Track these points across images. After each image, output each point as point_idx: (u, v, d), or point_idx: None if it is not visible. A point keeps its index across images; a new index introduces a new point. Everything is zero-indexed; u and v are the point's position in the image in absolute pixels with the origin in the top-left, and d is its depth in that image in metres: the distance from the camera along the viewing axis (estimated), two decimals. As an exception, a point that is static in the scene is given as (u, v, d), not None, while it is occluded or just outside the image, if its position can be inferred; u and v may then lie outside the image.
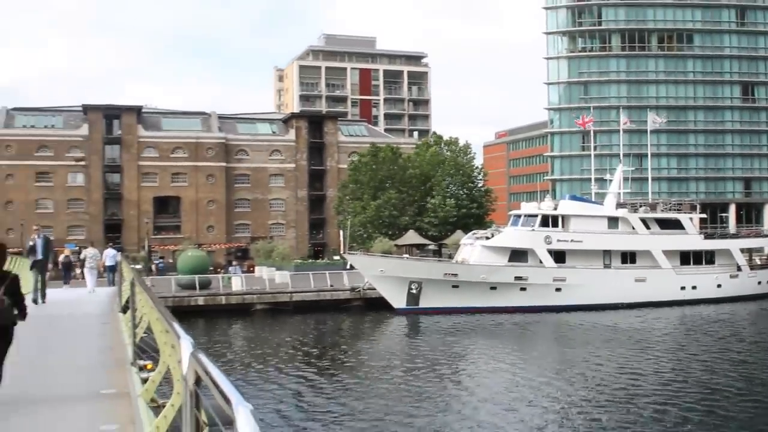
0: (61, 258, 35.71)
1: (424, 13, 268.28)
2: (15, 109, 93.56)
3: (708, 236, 62.33)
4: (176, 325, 5.25)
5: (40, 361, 12.47)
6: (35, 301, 20.65)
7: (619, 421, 22.38)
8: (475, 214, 78.81)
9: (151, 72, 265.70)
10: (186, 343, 4.14)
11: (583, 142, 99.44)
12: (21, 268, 22.99)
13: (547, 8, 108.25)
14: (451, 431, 21.73)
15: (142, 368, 10.74)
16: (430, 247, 72.24)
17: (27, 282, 20.86)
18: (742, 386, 27.73)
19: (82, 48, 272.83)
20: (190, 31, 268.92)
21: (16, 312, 9.60)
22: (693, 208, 62.37)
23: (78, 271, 40.17)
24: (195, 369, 3.62)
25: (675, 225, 57.93)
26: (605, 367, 31.99)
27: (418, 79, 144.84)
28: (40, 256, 22.38)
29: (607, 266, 55.27)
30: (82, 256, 31.89)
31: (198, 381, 3.68)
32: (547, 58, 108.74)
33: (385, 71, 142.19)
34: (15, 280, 9.79)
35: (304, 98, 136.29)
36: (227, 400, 2.74)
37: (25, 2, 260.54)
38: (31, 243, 23.13)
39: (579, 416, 23.22)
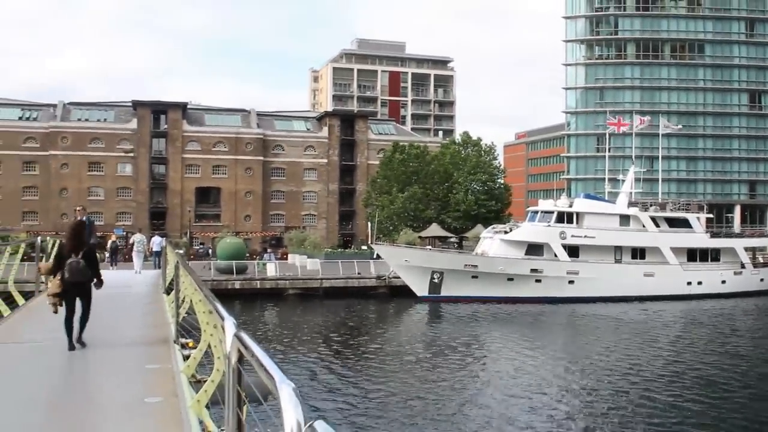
0: (109, 243, 36.06)
1: (452, 20, 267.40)
2: (71, 103, 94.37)
3: (714, 235, 61.76)
4: (220, 307, 5.31)
5: (90, 338, 12.61)
6: None
7: (622, 404, 22.30)
8: (494, 210, 78.60)
9: (193, 71, 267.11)
10: (230, 324, 4.20)
11: (598, 144, 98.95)
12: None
13: (566, 18, 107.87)
14: (466, 408, 21.72)
15: (183, 346, 10.86)
16: (452, 239, 72.12)
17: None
18: (739, 373, 27.89)
19: (129, 48, 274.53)
20: (232, 34, 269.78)
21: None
22: (700, 209, 61.85)
23: (126, 255, 40.57)
24: (238, 347, 3.67)
25: (683, 224, 57.51)
26: (613, 355, 31.94)
27: (444, 82, 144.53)
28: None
29: (618, 261, 54.95)
30: (131, 241, 32.18)
31: (240, 359, 3.74)
32: (566, 65, 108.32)
33: (413, 74, 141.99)
34: (92, 250, 11.89)
35: (337, 98, 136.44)
36: (271, 378, 2.78)
37: (76, 7, 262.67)
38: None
39: (585, 399, 23.18)
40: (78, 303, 11.27)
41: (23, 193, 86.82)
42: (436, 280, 51.86)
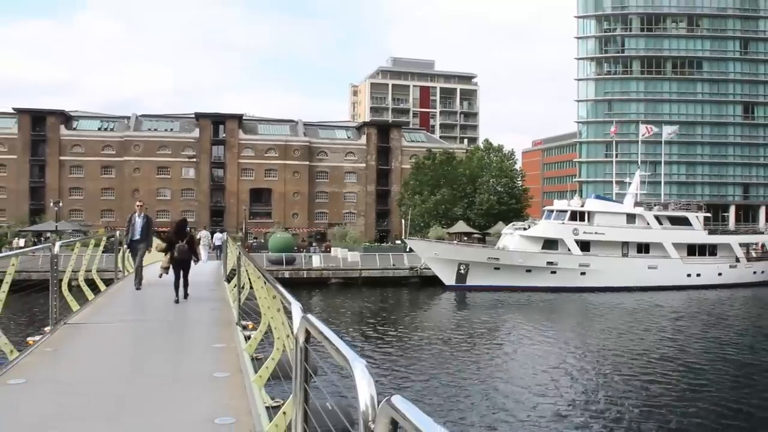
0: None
1: (476, 40, 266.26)
2: (142, 115, 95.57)
3: (711, 232, 60.94)
4: (285, 292, 5.29)
5: (164, 318, 12.73)
6: (139, 288, 16.20)
7: (627, 380, 22.07)
8: (514, 209, 78.17)
9: (248, 85, 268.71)
10: (297, 308, 4.19)
11: (607, 151, 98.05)
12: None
13: (578, 38, 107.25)
14: (492, 382, 21.62)
15: (245, 327, 10.90)
16: (476, 235, 71.66)
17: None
18: (735, 352, 27.69)
19: (192, 65, 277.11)
20: (282, 52, 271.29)
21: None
22: (699, 208, 61.14)
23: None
24: (306, 328, 3.65)
25: (683, 222, 56.78)
26: (620, 337, 31.68)
27: (469, 96, 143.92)
28: (138, 236, 16.76)
29: (624, 255, 54.36)
30: (197, 237, 32.57)
31: (307, 339, 3.72)
32: (578, 80, 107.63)
33: (441, 89, 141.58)
34: (192, 238, 15.76)
35: (374, 110, 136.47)
36: (343, 356, 2.75)
37: (147, 29, 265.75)
38: (129, 221, 17.20)
39: (593, 376, 22.98)
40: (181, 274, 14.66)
41: (102, 193, 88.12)
42: (462, 271, 51.69)
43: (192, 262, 15.18)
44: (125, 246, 18.23)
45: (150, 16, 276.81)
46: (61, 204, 77.79)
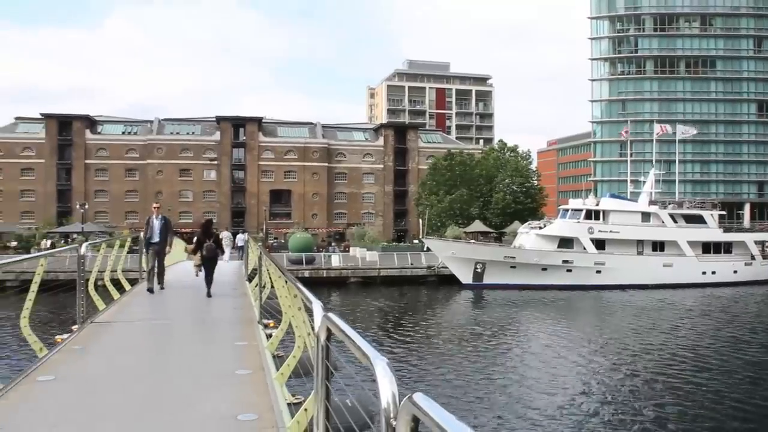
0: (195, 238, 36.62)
1: (491, 42, 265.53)
2: (165, 119, 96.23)
3: (726, 230, 60.28)
4: (306, 291, 5.30)
5: (187, 317, 12.80)
6: (150, 290, 15.62)
7: (643, 378, 21.89)
8: (530, 208, 77.84)
9: (267, 88, 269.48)
10: (318, 306, 4.19)
11: (621, 150, 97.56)
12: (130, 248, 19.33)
13: (591, 39, 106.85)
14: (504, 379, 21.51)
15: (266, 325, 10.93)
16: (493, 234, 71.46)
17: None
18: (751, 348, 27.30)
19: (211, 70, 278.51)
20: (300, 56, 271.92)
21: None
22: (714, 206, 60.46)
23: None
24: (327, 326, 3.65)
25: (698, 220, 56.21)
26: (636, 335, 31.38)
27: (484, 97, 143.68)
28: (156, 238, 16.12)
29: (639, 253, 53.92)
30: (220, 237, 32.76)
31: (328, 337, 3.71)
32: (592, 80, 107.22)
33: (456, 90, 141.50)
34: (218, 236, 17.43)
35: (391, 111, 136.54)
36: (364, 354, 2.73)
37: (166, 35, 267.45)
38: (147, 223, 16.50)
39: (608, 372, 22.80)
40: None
41: (126, 195, 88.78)
42: (479, 270, 51.52)
43: (218, 260, 16.47)
44: (143, 248, 17.62)
45: (172, 23, 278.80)
46: (87, 206, 78.44)
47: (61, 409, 6.06)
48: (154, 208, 16.88)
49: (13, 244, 66.54)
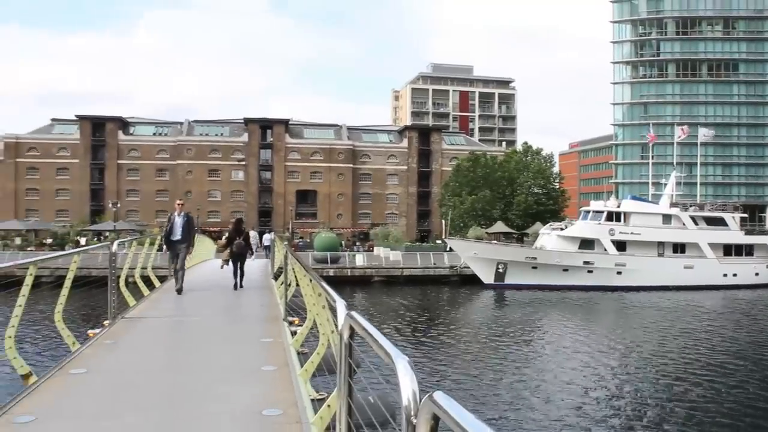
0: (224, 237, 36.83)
1: (514, 44, 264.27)
2: (194, 121, 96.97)
3: (748, 232, 59.43)
4: (330, 290, 5.30)
5: (215, 314, 12.88)
6: (179, 291, 14.71)
7: (664, 381, 21.63)
8: (551, 209, 77.33)
9: (292, 91, 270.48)
10: (341, 305, 4.19)
11: (643, 153, 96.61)
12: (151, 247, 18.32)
13: (613, 42, 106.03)
14: (525, 379, 21.39)
15: (291, 323, 10.96)
16: (514, 235, 71.11)
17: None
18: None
19: (240, 72, 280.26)
20: (326, 59, 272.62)
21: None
22: (735, 209, 59.64)
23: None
24: (350, 325, 3.65)
25: (720, 222, 55.46)
26: (656, 336, 31.05)
27: (507, 100, 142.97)
28: (178, 236, 14.94)
29: (660, 255, 53.36)
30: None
31: (351, 335, 3.71)
32: (613, 83, 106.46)
33: (480, 93, 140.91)
34: (248, 234, 18.49)
35: (415, 114, 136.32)
36: (386, 352, 2.73)
37: (195, 39, 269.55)
38: (169, 221, 15.25)
39: (630, 375, 22.58)
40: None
41: (156, 195, 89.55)
42: (501, 270, 51.32)
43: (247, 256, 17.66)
44: (163, 247, 16.16)
45: (200, 27, 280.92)
46: (119, 205, 79.41)
47: (93, 401, 6.14)
48: (178, 205, 15.62)
49: (49, 241, 67.46)
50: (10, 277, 8.02)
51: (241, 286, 16.57)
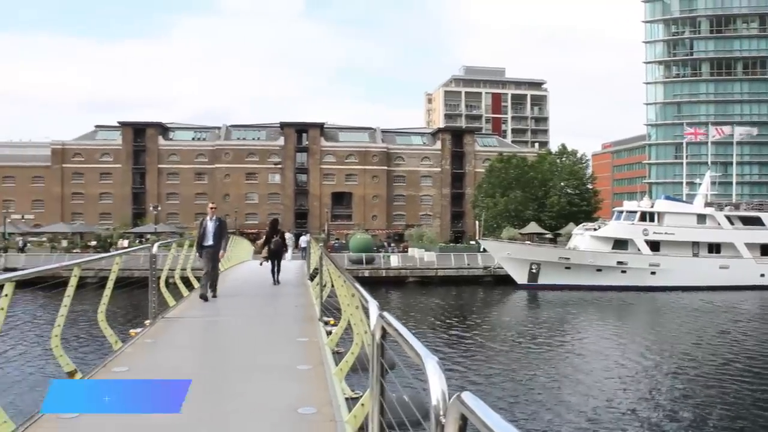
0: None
1: (545, 45, 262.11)
2: (232, 125, 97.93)
3: (786, 232, 58.06)
4: (363, 290, 5.32)
5: (252, 314, 12.99)
6: (204, 297, 13.92)
7: (697, 383, 21.21)
8: (585, 210, 76.52)
9: (326, 95, 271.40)
10: (374, 306, 4.20)
11: (676, 152, 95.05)
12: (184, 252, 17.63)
13: (646, 42, 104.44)
14: (555, 380, 21.15)
15: (326, 323, 11.01)
16: (548, 235, 70.46)
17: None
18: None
19: (275, 77, 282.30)
20: (360, 63, 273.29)
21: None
22: (772, 208, 58.35)
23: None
24: (382, 325, 3.66)
25: (756, 222, 54.21)
26: (692, 337, 30.46)
27: (539, 101, 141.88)
28: (210, 241, 14.39)
29: (695, 255, 52.44)
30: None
31: (383, 335, 3.72)
32: (646, 83, 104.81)
33: (512, 95, 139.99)
34: (283, 234, 20.05)
35: (448, 116, 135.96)
36: (416, 353, 2.74)
37: (232, 43, 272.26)
38: (201, 225, 14.73)
39: (664, 378, 22.18)
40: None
41: (195, 198, 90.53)
42: (534, 271, 50.96)
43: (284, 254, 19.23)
44: (195, 251, 15.64)
45: (235, 33, 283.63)
46: (159, 208, 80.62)
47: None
48: (210, 208, 15.06)
49: (93, 243, 68.70)
50: (56, 278, 8.20)
51: (278, 282, 18.01)
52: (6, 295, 5.62)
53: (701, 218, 53.23)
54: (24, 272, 6.27)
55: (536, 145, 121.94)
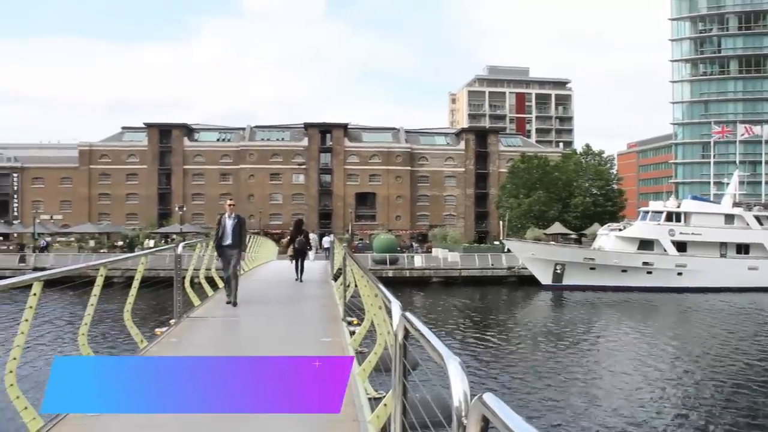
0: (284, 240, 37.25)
1: (569, 44, 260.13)
2: (256, 126, 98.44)
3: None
4: (386, 291, 5.32)
5: (276, 314, 13.04)
6: (233, 303, 13.14)
7: (724, 386, 20.89)
8: (610, 210, 75.85)
9: (350, 96, 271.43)
10: (396, 306, 4.19)
11: (703, 152, 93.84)
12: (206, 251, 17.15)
13: (672, 40, 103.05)
14: (579, 382, 20.97)
15: (350, 323, 11.02)
16: (572, 236, 69.99)
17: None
18: None
19: (298, 78, 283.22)
20: (383, 63, 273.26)
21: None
22: (803, 208, 57.28)
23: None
24: (405, 326, 3.65)
25: (786, 222, 53.34)
26: (719, 340, 29.97)
27: (563, 101, 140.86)
28: (229, 240, 13.32)
29: (723, 255, 51.67)
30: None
31: (405, 335, 3.71)
32: (673, 82, 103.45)
33: (536, 95, 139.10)
34: (307, 234, 20.96)
35: (472, 116, 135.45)
36: (438, 353, 2.73)
37: (255, 44, 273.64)
38: (219, 223, 13.69)
39: (688, 380, 21.88)
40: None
41: (220, 198, 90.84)
42: (558, 271, 50.61)
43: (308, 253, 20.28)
44: (214, 251, 14.98)
45: (258, 35, 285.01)
46: (185, 208, 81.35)
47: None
48: (229, 205, 14.01)
49: (120, 243, 69.53)
50: (83, 277, 8.29)
51: (301, 280, 18.83)
52: (34, 294, 5.69)
53: (729, 218, 52.46)
54: (52, 272, 6.35)
55: (561, 145, 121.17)
